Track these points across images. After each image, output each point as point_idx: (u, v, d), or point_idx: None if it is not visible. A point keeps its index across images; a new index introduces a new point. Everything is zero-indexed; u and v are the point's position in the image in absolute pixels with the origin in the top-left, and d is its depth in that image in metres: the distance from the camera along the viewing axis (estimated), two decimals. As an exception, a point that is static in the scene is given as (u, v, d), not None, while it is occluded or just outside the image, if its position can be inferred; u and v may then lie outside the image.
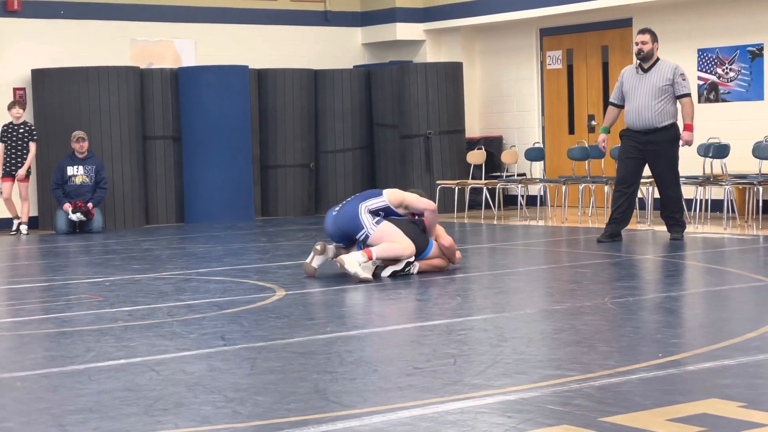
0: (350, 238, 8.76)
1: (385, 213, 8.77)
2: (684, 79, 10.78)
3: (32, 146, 14.16)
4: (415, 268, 8.73)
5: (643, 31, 10.87)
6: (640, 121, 10.78)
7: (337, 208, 8.87)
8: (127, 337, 6.32)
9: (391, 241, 8.52)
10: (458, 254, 9.07)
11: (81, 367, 5.48)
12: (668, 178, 10.88)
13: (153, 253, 11.36)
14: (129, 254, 11.23)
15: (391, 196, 8.88)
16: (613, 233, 10.91)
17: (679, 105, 10.81)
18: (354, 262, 8.34)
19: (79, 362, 5.60)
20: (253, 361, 5.52)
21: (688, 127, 10.75)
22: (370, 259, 8.43)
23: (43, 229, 14.73)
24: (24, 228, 14.08)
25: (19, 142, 14.10)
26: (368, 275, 8.34)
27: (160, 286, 8.56)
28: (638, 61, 10.94)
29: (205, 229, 14.12)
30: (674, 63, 10.97)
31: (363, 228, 8.58)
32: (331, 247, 8.83)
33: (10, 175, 14.11)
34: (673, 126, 10.80)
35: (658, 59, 10.85)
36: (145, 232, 14.14)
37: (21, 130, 14.10)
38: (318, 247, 8.72)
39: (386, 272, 8.57)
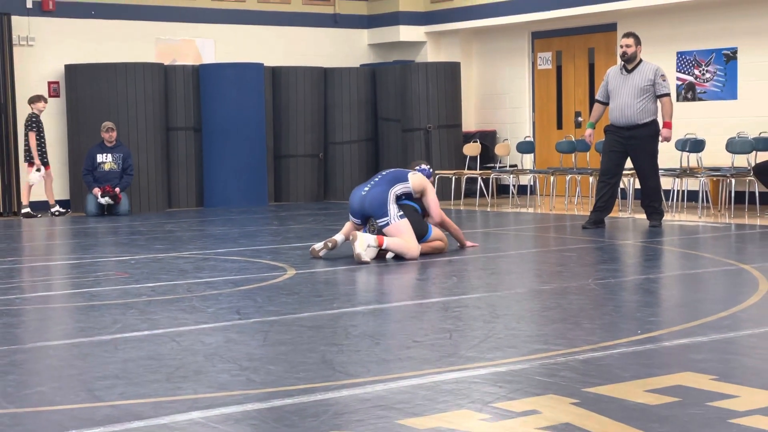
0: (368, 218, 8.75)
1: (406, 196, 8.82)
2: (664, 80, 10.76)
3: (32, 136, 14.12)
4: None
5: (627, 35, 10.85)
6: (623, 117, 10.77)
7: (366, 188, 8.78)
8: (151, 310, 6.32)
9: (404, 239, 8.54)
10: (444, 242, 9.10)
11: (108, 337, 5.49)
12: (648, 170, 10.87)
13: (175, 234, 11.36)
14: (153, 235, 11.23)
15: (415, 183, 8.89)
16: (597, 220, 10.91)
17: (659, 103, 10.80)
18: (364, 243, 8.36)
19: (106, 333, 5.61)
20: (265, 333, 5.53)
21: (667, 125, 10.74)
22: (380, 246, 8.45)
23: (75, 211, 14.74)
24: (59, 209, 14.13)
25: (44, 133, 14.10)
26: (368, 259, 8.35)
27: (181, 265, 8.56)
28: (622, 62, 10.92)
29: (223, 212, 14.12)
30: (656, 65, 10.95)
31: (387, 216, 8.59)
32: (339, 241, 8.81)
33: (45, 163, 14.08)
34: (654, 122, 10.79)
35: (641, 61, 10.82)
36: (168, 215, 14.14)
37: (42, 122, 14.10)
38: (329, 244, 8.70)
39: (390, 254, 8.59)
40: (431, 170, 9.38)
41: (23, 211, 13.97)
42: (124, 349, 5.17)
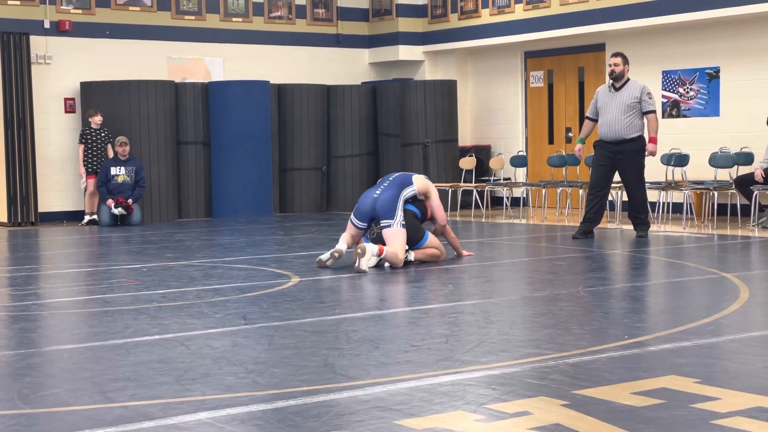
0: (374, 220, 8.75)
1: (411, 199, 8.83)
2: (650, 98, 10.77)
3: (110, 148, 14.29)
4: (411, 255, 8.74)
5: (615, 55, 10.86)
6: (611, 133, 10.78)
7: (378, 191, 8.76)
8: (161, 316, 6.32)
9: (395, 248, 8.52)
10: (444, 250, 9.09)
11: (120, 341, 5.49)
12: (635, 183, 10.87)
13: (184, 243, 11.35)
14: (163, 244, 11.23)
15: (420, 186, 8.91)
16: (586, 231, 10.90)
17: (645, 120, 10.81)
18: (369, 255, 8.35)
19: (118, 337, 5.60)
20: (270, 338, 5.52)
21: (653, 140, 10.75)
22: (380, 255, 8.45)
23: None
24: (96, 218, 14.21)
25: (101, 145, 14.23)
26: (366, 269, 8.32)
27: (190, 273, 8.56)
28: (611, 81, 10.93)
29: (230, 223, 14.11)
30: (642, 83, 10.95)
31: (393, 219, 8.58)
32: (344, 250, 8.77)
33: (94, 173, 14.18)
34: (640, 138, 10.78)
35: (628, 79, 10.83)
36: (178, 225, 14.14)
37: (102, 135, 14.24)
38: (336, 254, 8.64)
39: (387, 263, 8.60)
40: None
41: (85, 219, 14.17)
42: (136, 353, 5.16)
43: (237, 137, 15.17)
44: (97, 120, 14.17)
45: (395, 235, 8.57)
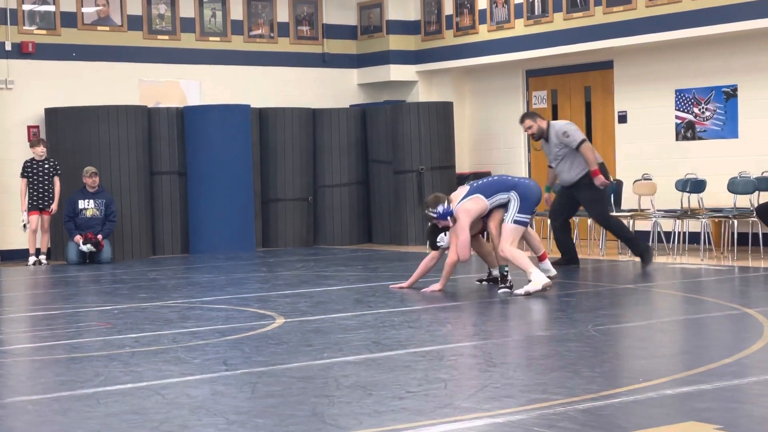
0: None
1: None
2: (568, 136, 11.29)
3: (57, 181, 14.18)
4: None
5: (522, 119, 11.60)
6: (563, 181, 11.47)
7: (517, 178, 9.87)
8: (134, 362, 6.30)
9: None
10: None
11: (90, 391, 5.47)
12: (602, 219, 11.57)
13: (159, 282, 11.34)
14: (136, 284, 11.21)
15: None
16: (569, 263, 11.49)
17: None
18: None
19: (88, 386, 5.58)
20: (253, 385, 5.51)
21: (594, 173, 11.17)
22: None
23: (55, 259, 14.68)
24: (43, 258, 14.07)
25: (45, 178, 14.12)
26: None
27: (166, 314, 8.54)
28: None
29: (209, 259, 14.10)
30: (559, 124, 11.49)
31: None
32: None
33: (37, 208, 14.10)
34: (586, 175, 11.27)
35: (549, 126, 11.30)
36: (152, 262, 14.13)
37: (46, 166, 14.13)
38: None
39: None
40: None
41: (31, 260, 14.02)
42: (107, 404, 5.14)
43: (215, 166, 15.18)
44: (39, 151, 14.08)
45: None
